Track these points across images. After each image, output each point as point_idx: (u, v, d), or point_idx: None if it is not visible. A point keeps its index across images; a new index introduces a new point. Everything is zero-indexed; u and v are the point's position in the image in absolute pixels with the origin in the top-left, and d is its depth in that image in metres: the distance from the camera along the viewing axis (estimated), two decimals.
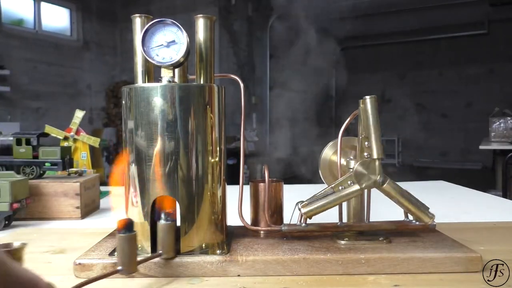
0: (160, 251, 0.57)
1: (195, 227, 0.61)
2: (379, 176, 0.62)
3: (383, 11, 7.36)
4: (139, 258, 0.56)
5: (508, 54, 7.82)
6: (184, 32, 0.61)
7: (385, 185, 0.62)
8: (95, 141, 1.21)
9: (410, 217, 0.66)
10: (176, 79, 0.66)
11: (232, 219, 0.72)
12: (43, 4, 5.62)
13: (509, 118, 3.94)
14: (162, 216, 0.57)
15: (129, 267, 0.53)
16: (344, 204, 0.69)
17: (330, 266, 0.59)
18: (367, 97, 0.63)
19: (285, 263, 0.59)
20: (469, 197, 1.26)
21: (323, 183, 0.74)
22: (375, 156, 0.62)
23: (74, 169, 1.09)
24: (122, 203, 0.64)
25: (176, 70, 0.66)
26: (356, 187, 0.63)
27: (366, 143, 0.63)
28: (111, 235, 0.71)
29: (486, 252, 0.64)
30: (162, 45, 0.61)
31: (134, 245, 0.53)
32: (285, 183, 0.73)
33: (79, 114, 1.23)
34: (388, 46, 9.03)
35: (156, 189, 0.60)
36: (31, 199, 0.92)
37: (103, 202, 1.16)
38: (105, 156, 6.09)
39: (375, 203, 0.71)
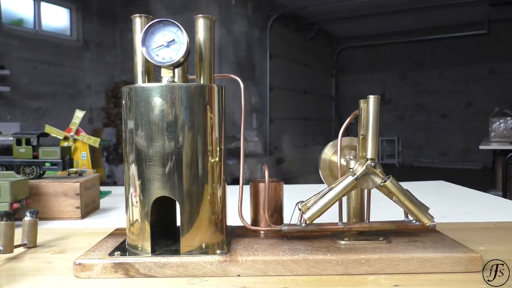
0: (26, 242, 0.70)
1: (195, 227, 0.61)
2: (381, 176, 0.62)
3: (383, 11, 7.36)
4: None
5: (508, 54, 7.82)
6: (184, 32, 0.61)
7: (387, 182, 0.62)
8: (95, 141, 1.21)
9: (410, 217, 0.66)
10: (176, 79, 0.66)
11: (232, 219, 0.72)
12: (43, 4, 5.61)
13: (509, 118, 3.94)
14: (27, 213, 0.70)
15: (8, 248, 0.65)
16: (344, 204, 0.69)
17: (330, 266, 0.59)
18: (371, 96, 0.62)
19: (285, 263, 0.59)
20: (469, 197, 1.26)
21: (323, 183, 0.74)
22: (368, 156, 0.62)
23: (74, 169, 1.09)
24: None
25: (176, 70, 0.66)
26: (350, 178, 0.62)
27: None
28: (111, 235, 0.71)
29: (486, 252, 0.64)
30: (162, 45, 0.61)
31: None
32: (285, 183, 0.73)
33: (79, 114, 1.23)
34: (388, 46, 9.04)
35: (156, 189, 0.60)
36: (31, 199, 0.92)
37: (103, 202, 1.16)
38: (105, 156, 6.09)
39: (375, 203, 0.71)
